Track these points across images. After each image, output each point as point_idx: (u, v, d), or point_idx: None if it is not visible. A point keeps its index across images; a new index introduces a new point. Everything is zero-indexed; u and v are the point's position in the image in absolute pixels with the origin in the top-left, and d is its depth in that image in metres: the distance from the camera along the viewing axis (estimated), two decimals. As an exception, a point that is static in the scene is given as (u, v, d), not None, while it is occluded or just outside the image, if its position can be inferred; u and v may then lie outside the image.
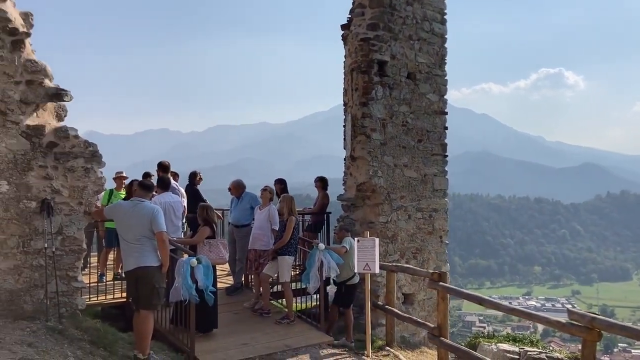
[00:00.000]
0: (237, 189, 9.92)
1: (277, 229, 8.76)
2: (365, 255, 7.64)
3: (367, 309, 7.86)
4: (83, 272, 7.37)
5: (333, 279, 8.44)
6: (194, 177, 10.76)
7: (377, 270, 7.84)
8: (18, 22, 6.52)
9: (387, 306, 8.71)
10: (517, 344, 9.01)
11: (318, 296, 8.57)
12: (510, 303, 7.62)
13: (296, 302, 9.13)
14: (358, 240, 7.74)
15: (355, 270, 7.95)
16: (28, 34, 6.62)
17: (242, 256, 9.61)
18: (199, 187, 10.83)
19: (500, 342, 9.12)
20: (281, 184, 10.49)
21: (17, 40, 6.45)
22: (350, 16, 10.39)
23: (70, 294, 6.76)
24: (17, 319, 6.29)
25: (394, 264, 9.18)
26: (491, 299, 7.41)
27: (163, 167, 9.67)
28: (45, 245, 6.50)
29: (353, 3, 10.29)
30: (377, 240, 7.79)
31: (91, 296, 8.02)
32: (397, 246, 9.97)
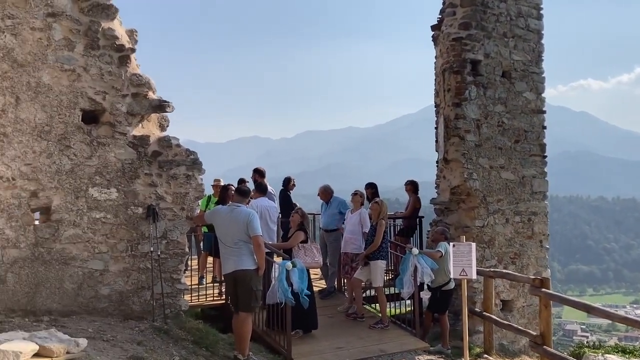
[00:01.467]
0: (325, 194, 10.02)
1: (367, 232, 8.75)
2: (462, 261, 7.43)
3: (464, 316, 7.64)
4: (184, 275, 7.71)
5: (427, 284, 8.28)
6: (287, 183, 10.95)
7: (474, 276, 7.60)
8: (124, 39, 6.96)
9: (484, 313, 8.43)
10: (627, 356, 8.42)
11: (412, 301, 8.46)
12: (616, 311, 7.12)
13: (390, 307, 9.05)
14: (454, 245, 7.55)
15: (451, 276, 7.76)
16: (133, 50, 7.04)
17: (333, 260, 9.69)
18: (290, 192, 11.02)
19: (608, 353, 8.55)
20: (372, 188, 10.46)
21: (124, 56, 6.89)
22: (440, 16, 10.20)
23: (174, 295, 7.09)
24: (126, 318, 6.69)
25: (492, 269, 8.87)
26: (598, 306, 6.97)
27: (259, 173, 9.95)
28: (151, 249, 6.87)
29: (443, 3, 10.10)
30: (473, 245, 7.56)
31: (192, 297, 8.37)
32: (494, 251, 9.63)
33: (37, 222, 6.65)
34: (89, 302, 6.66)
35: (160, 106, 7.12)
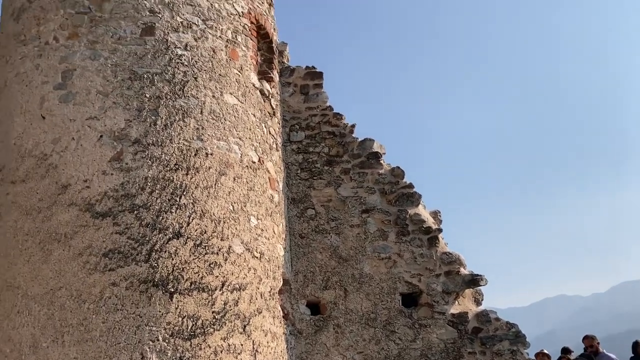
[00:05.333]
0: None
1: None
2: None
3: None
4: None
5: None
6: (637, 346, 9.35)
7: None
8: (430, 221, 7.35)
9: None
10: None
11: None
12: None
13: None
14: None
15: None
16: (440, 230, 7.35)
17: None
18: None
19: None
20: None
21: (432, 237, 7.22)
22: None
23: None
24: None
25: None
26: None
27: (589, 339, 8.84)
28: None
29: None
30: None
31: None
32: None
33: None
34: None
35: (474, 280, 7.09)
